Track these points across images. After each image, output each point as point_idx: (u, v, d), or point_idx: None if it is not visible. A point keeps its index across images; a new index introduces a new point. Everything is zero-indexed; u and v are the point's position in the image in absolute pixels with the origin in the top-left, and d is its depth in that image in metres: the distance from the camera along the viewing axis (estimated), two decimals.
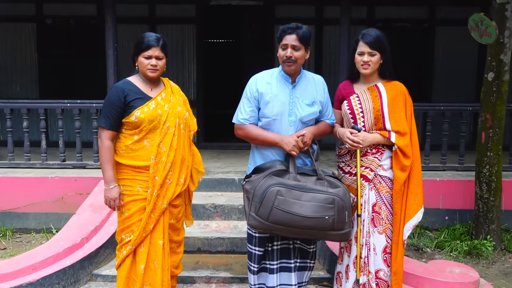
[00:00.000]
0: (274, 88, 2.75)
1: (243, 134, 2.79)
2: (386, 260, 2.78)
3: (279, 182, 2.53)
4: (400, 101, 2.77)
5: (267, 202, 2.49)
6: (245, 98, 2.79)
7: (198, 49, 7.29)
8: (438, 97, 7.17)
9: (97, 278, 3.72)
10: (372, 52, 2.72)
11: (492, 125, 4.30)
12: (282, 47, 2.70)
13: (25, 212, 4.94)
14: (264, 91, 2.73)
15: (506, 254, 4.34)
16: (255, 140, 2.78)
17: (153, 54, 2.69)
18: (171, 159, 2.72)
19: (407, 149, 2.72)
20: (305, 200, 2.50)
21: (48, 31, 7.25)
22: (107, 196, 2.71)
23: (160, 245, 2.75)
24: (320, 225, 2.50)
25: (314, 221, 2.49)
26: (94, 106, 5.22)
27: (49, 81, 7.32)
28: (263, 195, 2.51)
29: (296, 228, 2.53)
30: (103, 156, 2.71)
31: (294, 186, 2.54)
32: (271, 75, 2.81)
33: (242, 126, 2.78)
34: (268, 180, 2.55)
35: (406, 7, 7.09)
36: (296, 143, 2.64)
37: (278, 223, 2.50)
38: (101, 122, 2.70)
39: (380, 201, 2.78)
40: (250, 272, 2.86)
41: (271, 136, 2.71)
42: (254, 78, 2.82)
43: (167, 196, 2.74)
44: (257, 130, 2.75)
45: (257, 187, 2.55)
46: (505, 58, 4.21)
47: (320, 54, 7.24)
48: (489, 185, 4.34)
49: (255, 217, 2.54)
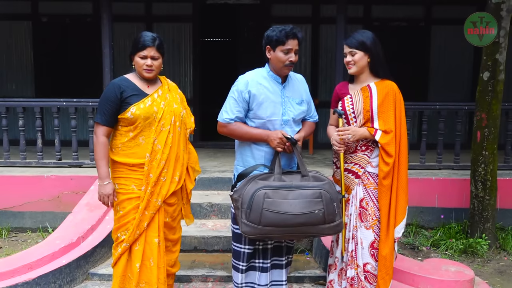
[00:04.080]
0: (266, 89, 2.75)
1: (228, 132, 2.81)
2: (374, 255, 2.82)
3: (265, 185, 2.56)
4: (390, 100, 2.80)
5: (256, 206, 2.51)
6: (233, 99, 2.78)
7: (194, 48, 7.28)
8: (434, 96, 7.20)
9: (93, 277, 3.72)
10: (352, 51, 2.80)
11: (487, 124, 4.32)
12: (285, 51, 2.68)
13: (21, 211, 4.93)
14: (257, 93, 2.73)
15: (501, 252, 4.37)
16: (242, 137, 2.80)
17: (148, 54, 2.69)
18: (166, 157, 2.72)
19: (389, 148, 2.75)
20: (292, 198, 2.53)
21: (43, 30, 7.22)
22: (101, 192, 2.72)
23: (155, 243, 2.75)
24: (311, 220, 2.53)
25: (305, 217, 2.51)
26: (90, 104, 5.21)
27: (44, 79, 7.30)
28: (251, 200, 2.53)
29: (289, 227, 2.54)
30: (98, 152, 2.71)
31: (280, 186, 2.57)
32: (261, 76, 2.80)
33: (226, 124, 2.79)
34: (253, 185, 2.58)
35: (403, 6, 7.10)
36: (280, 140, 2.67)
37: (271, 225, 2.52)
38: (96, 118, 2.70)
39: (368, 197, 2.83)
40: (237, 271, 2.89)
41: (259, 132, 2.74)
42: (244, 79, 2.79)
43: (161, 194, 2.74)
44: (244, 127, 2.77)
45: (244, 194, 2.57)
46: (500, 57, 4.23)
47: (317, 53, 7.25)
48: (485, 184, 4.36)
49: (247, 223, 2.54)
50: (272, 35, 2.69)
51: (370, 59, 2.81)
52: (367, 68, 2.84)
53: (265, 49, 2.76)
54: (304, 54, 7.25)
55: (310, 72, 7.26)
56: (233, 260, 2.92)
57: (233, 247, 2.89)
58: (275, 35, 2.68)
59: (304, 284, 3.68)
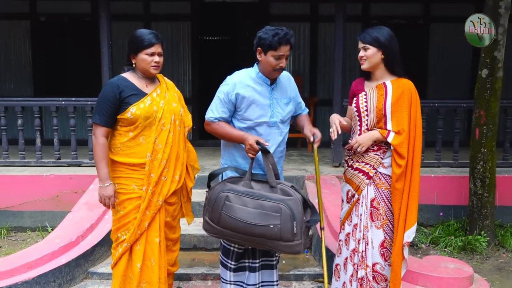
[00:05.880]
0: (255, 91, 2.74)
1: (211, 130, 2.84)
2: (384, 255, 2.78)
3: (230, 188, 2.61)
4: (405, 100, 2.74)
5: (216, 207, 2.61)
6: (219, 99, 2.78)
7: (193, 47, 7.28)
8: (433, 93, 7.20)
9: (93, 276, 3.72)
10: (365, 46, 2.76)
11: (486, 121, 4.32)
12: (276, 57, 2.65)
13: (20, 210, 4.92)
14: (245, 95, 2.72)
15: (500, 249, 4.38)
16: (223, 137, 2.81)
17: (156, 51, 2.68)
18: (167, 156, 2.71)
19: (401, 149, 2.68)
20: (252, 206, 2.54)
21: (42, 29, 7.21)
22: (102, 194, 2.69)
23: (156, 242, 2.74)
24: (267, 233, 2.51)
25: (260, 229, 2.51)
26: (89, 104, 5.20)
27: (43, 78, 7.29)
28: (214, 201, 2.63)
29: (246, 235, 2.55)
30: (98, 153, 2.68)
31: (243, 192, 2.59)
32: (249, 77, 2.77)
33: (210, 122, 2.82)
34: (221, 186, 2.66)
35: (401, 4, 7.10)
36: (250, 146, 2.63)
37: (228, 228, 2.58)
38: (95, 119, 2.67)
39: (379, 197, 2.78)
40: (225, 268, 2.90)
41: (238, 134, 2.73)
42: (232, 81, 2.76)
43: (162, 193, 2.73)
44: (226, 127, 2.77)
45: (211, 193, 2.68)
46: (498, 55, 4.23)
47: (315, 51, 7.25)
48: (483, 181, 4.37)
49: (208, 221, 2.67)
50: (264, 39, 2.64)
51: (384, 55, 2.75)
52: (381, 64, 2.78)
53: (256, 50, 2.74)
54: (303, 52, 7.24)
55: (308, 70, 7.25)
56: (221, 257, 2.93)
57: (223, 243, 2.90)
58: (268, 39, 2.63)
59: (304, 281, 3.69)
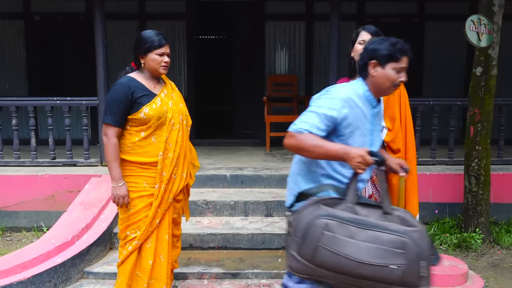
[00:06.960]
0: (362, 114, 2.22)
1: (295, 143, 2.12)
2: None
3: (329, 214, 1.95)
4: (395, 95, 2.75)
5: (311, 238, 1.93)
6: (316, 114, 2.14)
7: (188, 46, 7.26)
8: (428, 91, 7.22)
9: (88, 275, 3.71)
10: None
11: (480, 119, 4.34)
12: (398, 70, 2.17)
13: (15, 210, 4.90)
14: (353, 118, 2.18)
15: (495, 246, 4.41)
16: (312, 151, 2.11)
17: (166, 52, 2.73)
18: (177, 155, 2.78)
19: (394, 145, 2.72)
20: (362, 239, 1.89)
21: (36, 28, 7.17)
22: (116, 193, 2.71)
23: (166, 239, 2.82)
24: (382, 276, 1.85)
25: (374, 269, 1.85)
26: (84, 103, 5.19)
27: (38, 78, 7.25)
28: (305, 229, 1.95)
29: (350, 277, 1.90)
30: (110, 154, 2.69)
31: (349, 220, 1.93)
32: (356, 94, 2.21)
33: (295, 134, 2.13)
34: (314, 210, 1.98)
35: (396, 3, 7.11)
36: (362, 159, 2.01)
37: (326, 267, 1.91)
38: (107, 120, 2.68)
39: (376, 192, 2.81)
40: None
41: (337, 148, 2.09)
42: (340, 95, 2.18)
43: (172, 191, 2.80)
44: (317, 139, 2.11)
45: (300, 218, 1.99)
46: (493, 52, 4.25)
47: (311, 50, 7.25)
48: (478, 179, 4.39)
49: (297, 258, 1.96)
50: (380, 49, 2.18)
51: None
52: None
53: (366, 64, 2.22)
54: (298, 51, 7.25)
55: (304, 69, 7.26)
56: None
57: None
58: (387, 49, 2.17)
59: None
